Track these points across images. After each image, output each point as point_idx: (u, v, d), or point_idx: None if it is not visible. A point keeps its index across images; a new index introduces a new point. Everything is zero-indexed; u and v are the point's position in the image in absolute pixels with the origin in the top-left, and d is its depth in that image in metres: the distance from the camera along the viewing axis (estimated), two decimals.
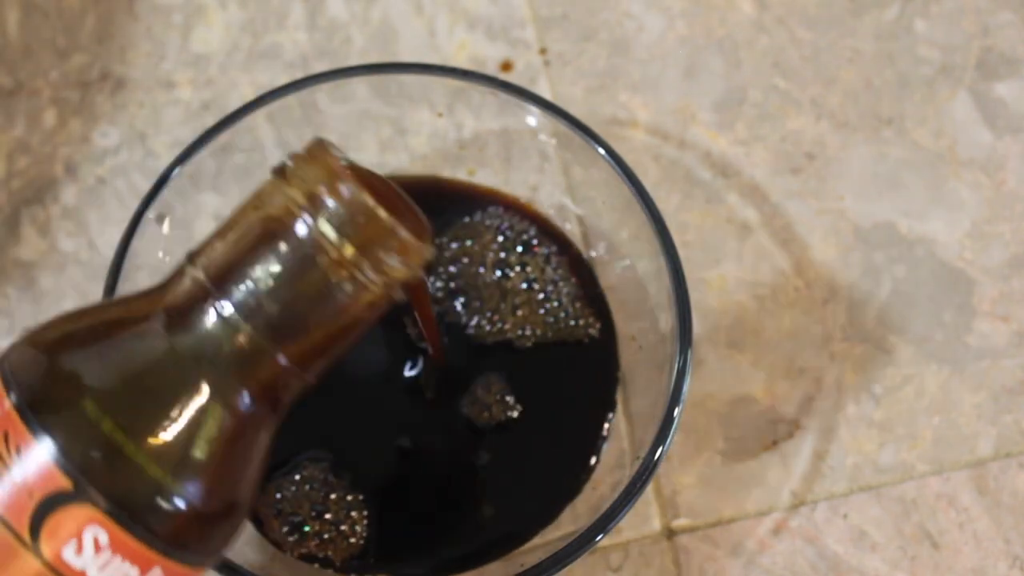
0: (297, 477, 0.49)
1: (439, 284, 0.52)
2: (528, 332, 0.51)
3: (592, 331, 0.52)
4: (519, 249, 0.53)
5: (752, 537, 0.51)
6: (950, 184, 0.57)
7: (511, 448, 0.50)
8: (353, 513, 0.49)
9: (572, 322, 0.52)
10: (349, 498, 0.49)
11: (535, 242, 0.53)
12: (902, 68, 0.58)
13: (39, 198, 0.56)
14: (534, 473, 0.50)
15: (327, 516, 0.49)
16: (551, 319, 0.51)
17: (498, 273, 0.52)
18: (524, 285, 0.52)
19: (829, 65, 0.58)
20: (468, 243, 0.52)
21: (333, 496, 0.49)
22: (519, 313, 0.52)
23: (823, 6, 0.59)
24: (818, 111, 0.58)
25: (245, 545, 0.48)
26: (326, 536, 0.48)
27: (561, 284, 0.53)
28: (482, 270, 0.52)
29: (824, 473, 0.52)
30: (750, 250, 0.55)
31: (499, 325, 0.51)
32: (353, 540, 0.49)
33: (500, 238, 0.53)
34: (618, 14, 0.59)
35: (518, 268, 0.52)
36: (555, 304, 0.52)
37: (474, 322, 0.51)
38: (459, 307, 0.51)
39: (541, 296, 0.52)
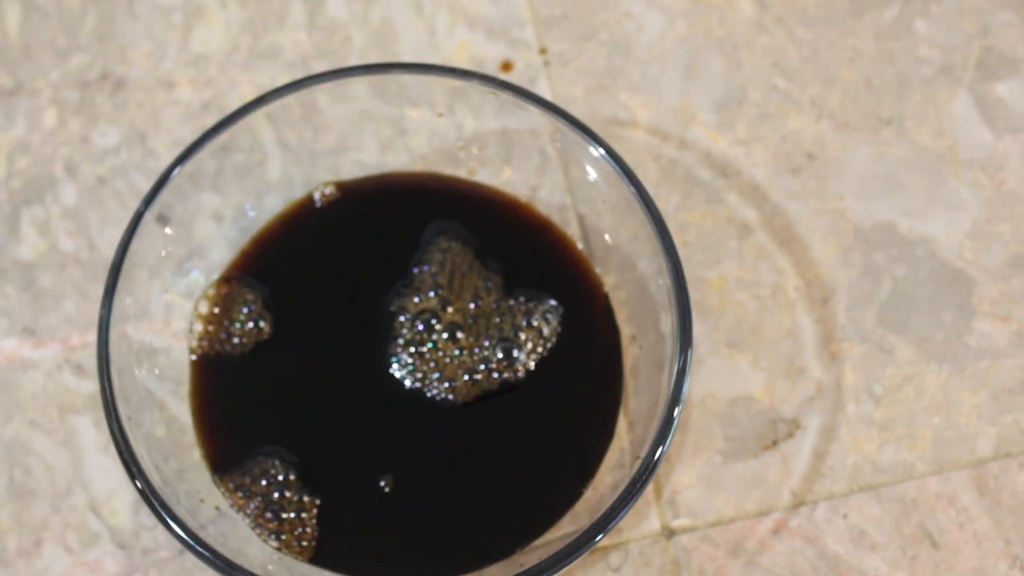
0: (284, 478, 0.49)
1: (438, 279, 0.52)
2: (526, 338, 0.51)
3: (593, 331, 0.52)
4: (517, 248, 0.53)
5: (752, 537, 0.51)
6: (950, 184, 0.57)
7: (511, 447, 0.50)
8: (323, 516, 0.49)
9: (572, 323, 0.52)
10: (333, 501, 0.49)
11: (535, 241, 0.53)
12: (902, 68, 0.58)
13: (39, 198, 0.56)
14: (534, 473, 0.50)
15: (291, 515, 0.49)
16: (551, 320, 0.51)
17: (496, 274, 0.52)
18: (525, 285, 0.52)
19: (829, 65, 0.58)
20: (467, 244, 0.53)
21: (306, 499, 0.49)
22: (518, 315, 0.52)
23: (823, 6, 0.59)
24: (818, 111, 0.58)
25: (245, 545, 0.48)
26: (296, 537, 0.48)
27: (562, 285, 0.53)
28: (481, 271, 0.52)
29: (824, 473, 0.52)
30: (750, 250, 0.55)
31: (496, 327, 0.51)
32: (318, 540, 0.48)
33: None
34: (618, 14, 0.59)
35: (516, 269, 0.52)
36: (555, 305, 0.52)
37: (469, 324, 0.51)
38: (459, 306, 0.51)
39: (542, 295, 0.52)
